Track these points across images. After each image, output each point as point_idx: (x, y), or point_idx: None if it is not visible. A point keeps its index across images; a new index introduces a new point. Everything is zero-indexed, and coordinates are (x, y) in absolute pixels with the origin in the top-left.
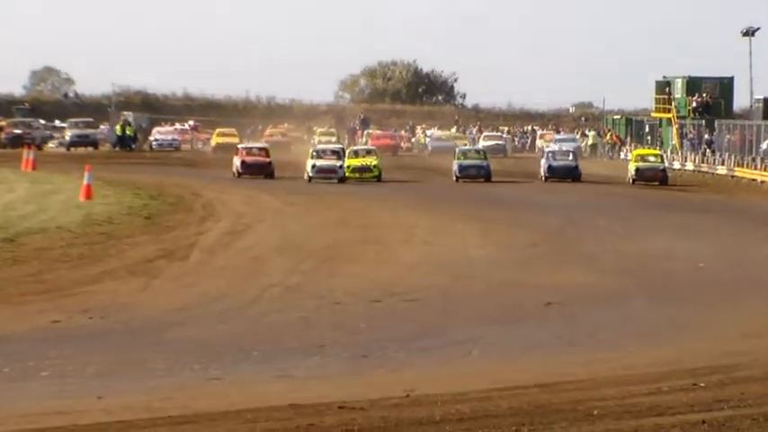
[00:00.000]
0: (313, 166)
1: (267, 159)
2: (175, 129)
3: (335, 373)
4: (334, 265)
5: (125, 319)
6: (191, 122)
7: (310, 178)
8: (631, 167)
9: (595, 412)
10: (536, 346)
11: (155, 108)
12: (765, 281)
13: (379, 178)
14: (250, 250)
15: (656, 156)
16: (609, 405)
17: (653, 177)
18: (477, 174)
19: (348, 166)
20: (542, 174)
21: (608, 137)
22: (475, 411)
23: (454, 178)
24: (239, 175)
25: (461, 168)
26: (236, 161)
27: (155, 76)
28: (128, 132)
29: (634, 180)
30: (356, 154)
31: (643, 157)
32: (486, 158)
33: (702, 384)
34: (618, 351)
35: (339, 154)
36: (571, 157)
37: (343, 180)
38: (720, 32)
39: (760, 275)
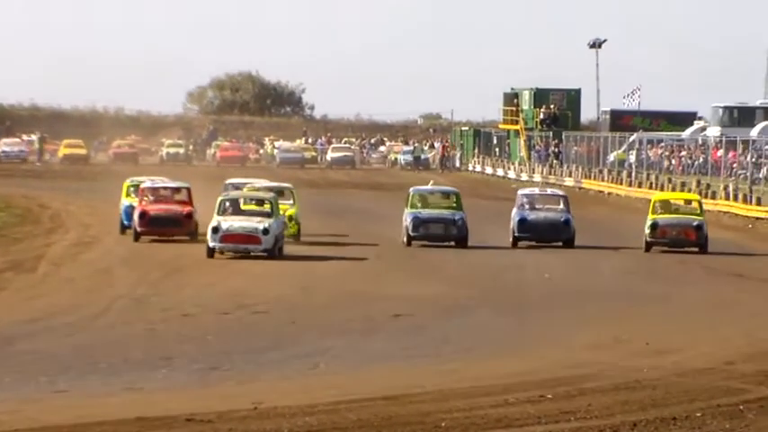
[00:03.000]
0: (215, 230)
1: (186, 209)
2: (22, 140)
3: (184, 386)
4: (182, 277)
5: None
6: (37, 133)
7: (211, 251)
8: (648, 222)
9: (443, 424)
10: (384, 357)
11: (0, 119)
12: (609, 292)
13: (296, 236)
14: (97, 262)
15: (689, 201)
16: (456, 417)
17: (682, 240)
18: (444, 234)
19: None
20: (512, 229)
21: (440, 148)
22: (322, 424)
23: (404, 238)
24: (137, 236)
25: (417, 222)
26: (135, 213)
27: (0, 85)
28: None
29: (649, 244)
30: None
31: (667, 205)
32: (459, 206)
33: (549, 396)
34: (465, 362)
35: (272, 205)
36: (561, 206)
37: (272, 253)
38: (568, 44)
39: (604, 286)
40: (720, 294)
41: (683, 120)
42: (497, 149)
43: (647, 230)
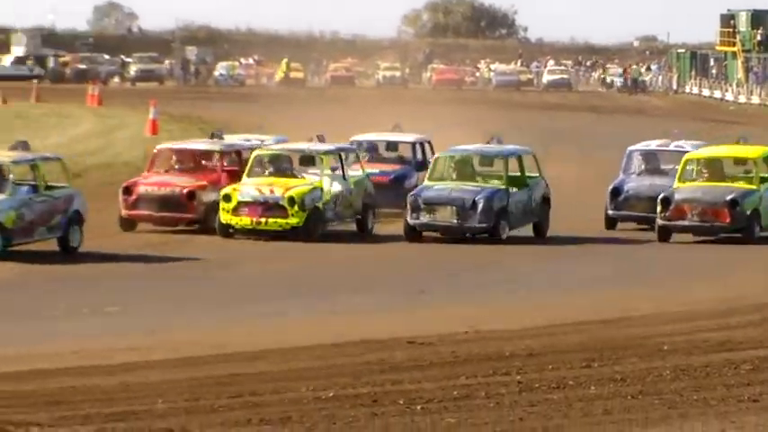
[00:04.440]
0: None
1: (194, 185)
2: (240, 63)
3: (392, 309)
4: None
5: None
6: (255, 57)
7: None
8: (661, 194)
9: (665, 347)
10: (592, 282)
11: (218, 43)
12: None
13: (307, 232)
14: None
15: (743, 161)
16: (678, 340)
17: (708, 223)
18: (456, 224)
19: (227, 197)
20: (605, 205)
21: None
22: (543, 347)
23: (404, 232)
24: (123, 222)
25: (416, 204)
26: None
27: (218, 11)
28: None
29: (662, 229)
30: (261, 165)
31: (710, 166)
32: (521, 179)
33: None
34: (680, 287)
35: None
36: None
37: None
38: None
39: None
40: None
41: None
42: (714, 72)
43: (659, 207)
